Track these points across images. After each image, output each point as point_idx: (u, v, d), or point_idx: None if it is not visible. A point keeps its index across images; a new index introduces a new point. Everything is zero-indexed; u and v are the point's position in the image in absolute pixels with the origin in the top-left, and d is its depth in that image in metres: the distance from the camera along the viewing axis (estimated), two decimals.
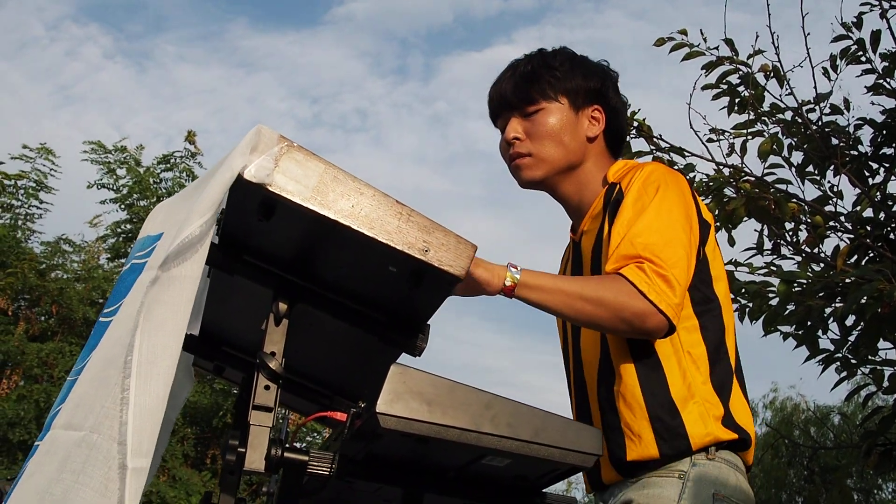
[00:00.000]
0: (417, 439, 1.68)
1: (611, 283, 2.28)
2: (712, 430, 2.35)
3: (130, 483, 1.56)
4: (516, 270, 2.30)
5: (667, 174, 2.52)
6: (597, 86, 2.70)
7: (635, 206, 2.43)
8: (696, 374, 2.40)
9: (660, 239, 2.33)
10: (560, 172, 2.67)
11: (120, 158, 23.25)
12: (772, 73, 5.98)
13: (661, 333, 2.30)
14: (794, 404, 27.90)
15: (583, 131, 2.67)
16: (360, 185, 1.74)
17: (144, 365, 1.61)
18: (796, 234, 5.91)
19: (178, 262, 1.65)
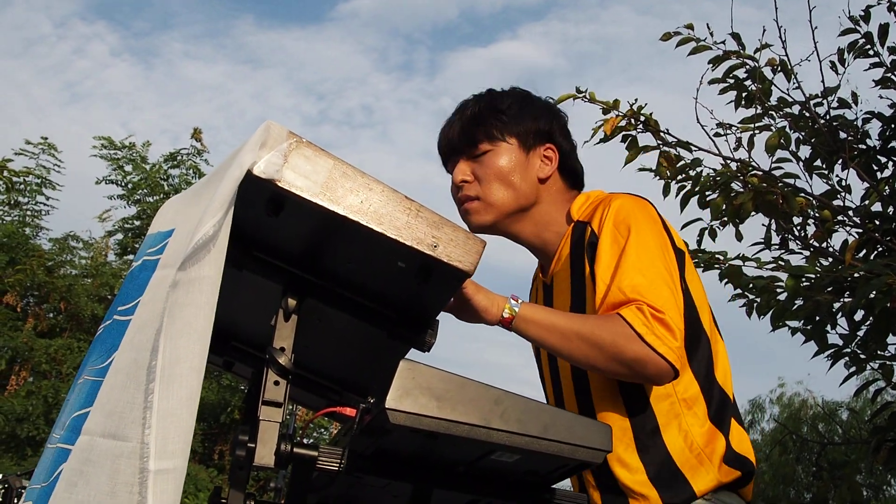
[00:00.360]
0: (427, 435, 1.68)
1: (609, 325, 2.24)
2: (715, 476, 2.34)
3: (154, 485, 1.56)
4: (516, 303, 2.29)
5: (636, 208, 2.46)
6: (546, 127, 2.64)
7: (612, 249, 2.38)
8: (695, 422, 2.37)
9: (644, 280, 2.29)
10: (510, 215, 2.61)
11: (127, 155, 23.27)
12: (779, 67, 5.98)
13: (666, 379, 2.26)
14: (801, 400, 27.90)
15: (534, 172, 2.61)
16: (370, 180, 1.74)
17: (167, 368, 1.61)
18: (804, 228, 5.91)
19: (195, 262, 1.65)
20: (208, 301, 1.65)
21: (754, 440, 28.78)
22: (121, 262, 23.98)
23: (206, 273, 1.65)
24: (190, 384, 1.61)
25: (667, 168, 5.85)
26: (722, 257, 5.73)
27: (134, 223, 23.91)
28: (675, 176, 5.89)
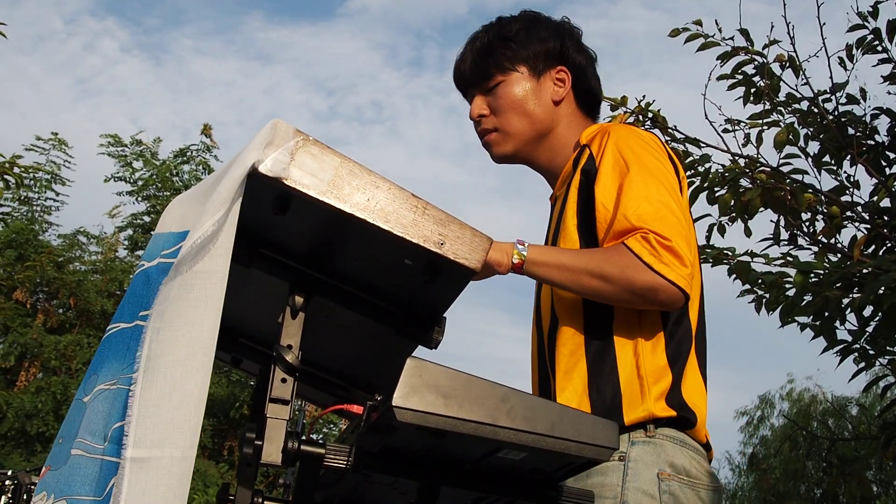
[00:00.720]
0: (433, 433, 1.69)
1: (616, 257, 2.26)
2: (648, 406, 2.31)
3: (130, 473, 1.57)
4: (523, 247, 2.31)
5: (640, 135, 2.50)
6: (556, 47, 2.66)
7: (614, 171, 2.39)
8: (649, 352, 2.37)
9: (650, 207, 2.30)
10: (530, 143, 2.66)
11: (136, 151, 23.31)
12: (787, 63, 5.98)
13: (677, 305, 2.28)
14: (811, 395, 27.86)
15: (548, 96, 2.64)
16: (376, 178, 1.75)
17: (152, 359, 1.62)
18: (813, 224, 5.91)
19: (192, 260, 1.66)
20: (203, 295, 1.65)
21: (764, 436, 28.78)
22: (131, 258, 24.04)
23: (199, 268, 1.66)
24: (174, 375, 1.61)
25: None
26: (731, 253, 5.73)
27: (143, 219, 23.97)
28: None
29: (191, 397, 1.62)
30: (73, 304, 22.58)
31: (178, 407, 1.61)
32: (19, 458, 19.94)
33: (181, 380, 1.61)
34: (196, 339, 1.64)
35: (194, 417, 1.61)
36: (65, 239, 23.93)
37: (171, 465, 1.58)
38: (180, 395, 1.61)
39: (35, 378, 21.57)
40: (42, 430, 20.34)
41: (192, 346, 1.63)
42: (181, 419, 1.61)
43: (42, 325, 21.90)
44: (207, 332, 1.65)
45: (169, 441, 1.59)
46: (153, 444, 1.58)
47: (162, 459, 1.58)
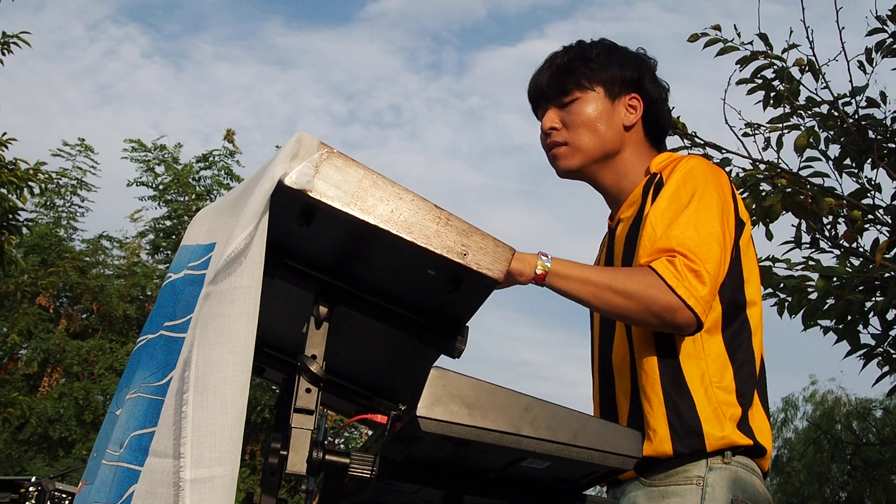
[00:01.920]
0: (457, 442, 1.70)
1: (641, 276, 2.28)
2: (728, 434, 2.34)
3: (192, 494, 1.58)
4: (547, 259, 2.31)
5: (708, 170, 2.51)
6: (634, 75, 2.70)
7: (672, 198, 2.42)
8: (717, 378, 2.39)
9: (696, 234, 2.33)
10: (596, 161, 2.68)
11: (158, 156, 23.41)
12: (807, 66, 5.96)
13: (690, 329, 2.30)
14: (835, 398, 27.68)
15: (619, 120, 2.67)
16: (399, 189, 1.76)
17: (201, 378, 1.62)
18: (834, 228, 5.89)
19: (227, 275, 1.67)
20: (244, 311, 1.67)
21: (788, 438, 28.64)
22: (153, 262, 24.12)
23: (237, 284, 1.67)
24: (224, 393, 1.62)
25: None
26: None
27: (165, 223, 24.05)
28: None
29: (241, 413, 1.63)
30: (96, 309, 22.67)
31: (232, 424, 1.62)
32: (42, 462, 20.03)
33: (232, 397, 1.63)
34: (241, 355, 1.65)
35: (241, 433, 1.64)
36: (88, 244, 24.05)
37: (230, 482, 1.60)
38: (233, 411, 1.62)
39: (58, 383, 21.67)
40: (64, 436, 20.43)
41: (239, 363, 1.64)
42: (237, 436, 1.63)
43: (65, 331, 21.99)
44: (249, 348, 1.67)
45: (227, 459, 1.61)
46: (212, 463, 1.60)
47: (222, 478, 1.60)
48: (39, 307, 21.78)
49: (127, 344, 21.94)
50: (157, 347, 1.88)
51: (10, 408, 13.88)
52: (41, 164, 10.96)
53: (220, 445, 1.61)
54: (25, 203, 11.04)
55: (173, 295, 1.90)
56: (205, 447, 1.60)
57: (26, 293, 17.53)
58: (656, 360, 2.41)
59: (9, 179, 10.33)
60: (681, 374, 2.39)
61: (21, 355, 21.79)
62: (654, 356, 2.42)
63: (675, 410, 2.35)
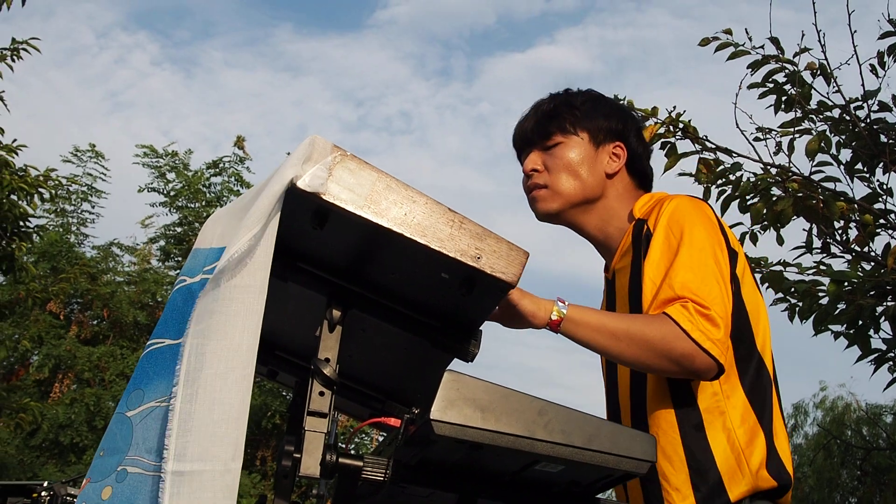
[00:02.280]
0: (471, 445, 1.69)
1: (657, 324, 2.27)
2: (751, 480, 2.33)
3: (171, 486, 1.58)
4: (563, 305, 2.30)
5: (691, 208, 2.49)
6: (618, 126, 2.72)
7: (664, 247, 2.42)
8: (738, 420, 2.38)
9: (694, 277, 2.32)
10: (576, 206, 2.68)
11: (170, 163, 23.49)
12: (818, 70, 5.95)
13: (710, 374, 2.28)
14: (845, 403, 27.64)
15: (602, 167, 2.68)
16: (413, 192, 1.76)
17: (192, 373, 1.63)
18: (846, 232, 5.87)
19: (229, 275, 1.67)
20: (242, 309, 1.67)
21: (798, 444, 28.61)
22: (163, 269, 24.17)
23: (237, 283, 1.67)
24: (214, 389, 1.62)
25: (706, 174, 5.84)
26: (763, 262, 5.71)
27: (175, 230, 24.10)
28: (715, 181, 5.87)
29: (231, 410, 1.63)
30: (107, 316, 22.72)
31: (219, 421, 1.62)
32: (54, 468, 20.08)
33: (221, 393, 1.63)
34: (235, 352, 1.65)
35: (235, 431, 1.62)
36: (99, 251, 24.11)
37: (213, 479, 1.59)
38: (221, 408, 1.62)
39: (69, 389, 21.72)
40: (76, 441, 20.47)
41: (232, 359, 1.64)
42: (222, 433, 1.62)
43: (76, 337, 22.05)
44: (247, 346, 1.66)
45: (210, 455, 1.60)
46: (194, 458, 1.60)
47: (204, 473, 1.60)
48: (50, 314, 21.84)
49: (137, 350, 21.97)
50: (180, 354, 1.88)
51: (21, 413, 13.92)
52: (51, 171, 10.99)
53: (203, 441, 1.60)
54: (36, 210, 11.06)
55: (191, 300, 1.90)
56: (189, 442, 1.59)
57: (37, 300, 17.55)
58: (674, 414, 2.40)
59: (19, 186, 10.35)
60: (704, 432, 2.37)
61: (32, 361, 21.84)
62: (671, 407, 2.41)
63: (697, 470, 2.34)
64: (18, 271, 11.33)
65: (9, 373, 21.03)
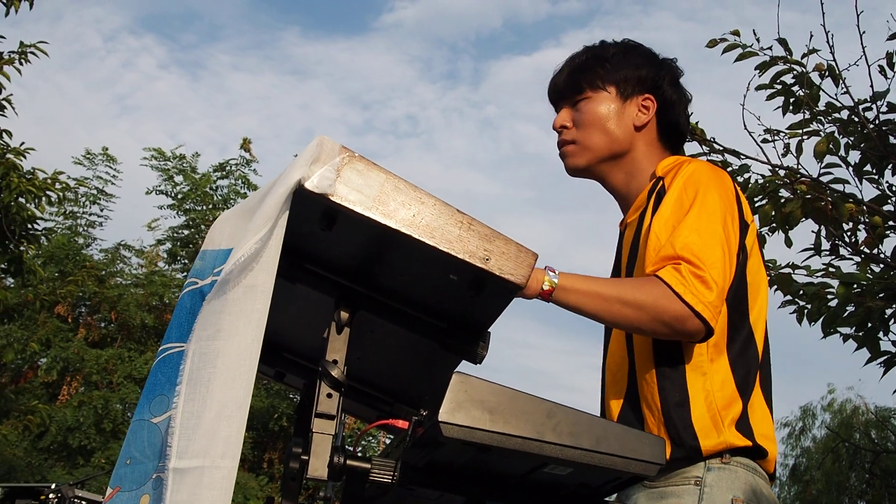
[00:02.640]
0: (479, 448, 1.69)
1: (649, 287, 2.27)
2: (726, 438, 2.33)
3: (172, 483, 1.58)
4: (554, 274, 2.30)
5: (710, 173, 2.50)
6: (649, 74, 2.71)
7: (675, 206, 2.42)
8: (718, 384, 2.38)
9: (698, 239, 2.32)
10: (604, 160, 2.69)
11: (177, 165, 23.53)
12: (827, 71, 5.93)
13: (699, 336, 2.29)
14: (853, 406, 27.57)
15: (630, 120, 2.67)
16: (421, 194, 1.75)
17: (194, 371, 1.63)
18: (855, 234, 5.86)
19: (235, 277, 1.67)
20: (245, 309, 1.67)
21: (806, 447, 28.54)
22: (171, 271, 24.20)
23: (244, 282, 1.67)
24: (214, 387, 1.63)
25: None
26: (772, 265, 5.70)
27: (183, 232, 24.13)
28: None
29: (230, 409, 1.63)
30: (114, 319, 22.75)
31: (218, 418, 1.62)
32: (62, 470, 20.09)
33: (221, 391, 1.63)
34: (236, 351, 1.65)
35: (235, 429, 1.63)
36: (106, 253, 24.15)
37: (212, 476, 1.60)
38: (220, 406, 1.62)
39: (77, 392, 21.74)
40: (84, 444, 20.48)
41: (232, 358, 1.65)
42: (222, 430, 1.62)
43: (83, 340, 22.07)
44: (248, 345, 1.66)
45: (210, 451, 1.61)
46: (195, 455, 1.60)
47: (203, 469, 1.60)
48: (58, 317, 21.87)
49: (145, 353, 22.02)
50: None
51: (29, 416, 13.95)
52: (59, 174, 11.01)
53: (203, 437, 1.61)
54: (43, 212, 11.09)
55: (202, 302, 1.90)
56: (189, 439, 1.60)
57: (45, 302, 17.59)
58: (656, 371, 2.40)
59: (27, 189, 10.37)
60: (681, 383, 2.37)
61: (41, 364, 21.87)
62: (653, 366, 2.41)
63: (672, 423, 2.35)
64: (26, 274, 11.35)
65: (17, 375, 21.05)
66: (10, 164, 10.29)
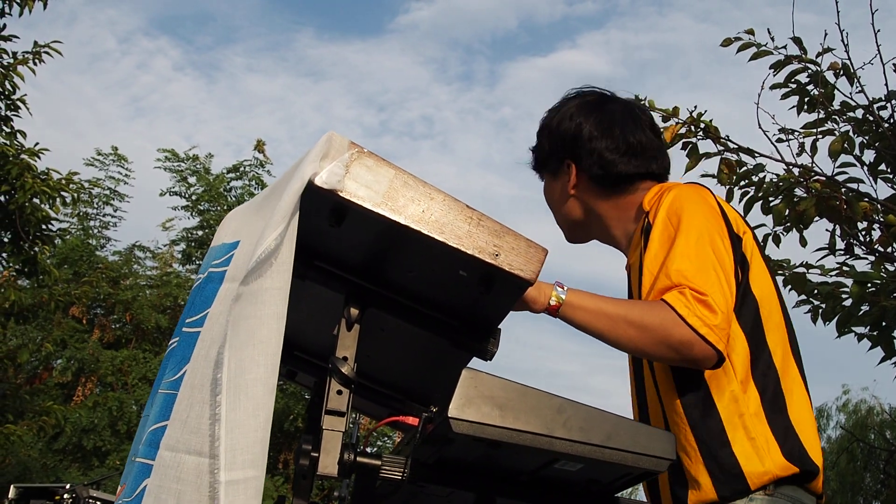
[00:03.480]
0: (489, 444, 1.69)
1: (656, 310, 2.24)
2: (770, 468, 2.30)
3: (226, 497, 1.58)
4: (562, 290, 2.30)
5: (690, 196, 2.46)
6: (558, 146, 2.73)
7: (661, 238, 2.40)
8: (751, 406, 2.35)
9: (690, 264, 2.29)
10: (576, 231, 2.79)
11: (191, 167, 23.57)
12: (841, 70, 5.91)
13: (710, 362, 2.25)
14: (868, 406, 27.47)
15: (567, 190, 2.72)
16: (431, 189, 1.75)
17: (233, 379, 1.62)
18: (869, 233, 5.83)
19: (257, 276, 1.67)
20: (274, 312, 1.66)
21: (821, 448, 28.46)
22: (185, 272, 24.26)
23: (268, 285, 1.67)
24: (256, 394, 1.62)
25: (728, 175, 5.81)
26: (786, 265, 5.68)
27: (197, 233, 24.18)
28: (737, 182, 5.84)
29: (270, 415, 1.64)
30: (129, 320, 22.81)
31: (263, 426, 1.62)
32: (77, 472, 20.14)
33: (263, 399, 1.63)
34: (271, 357, 1.65)
35: (269, 435, 1.64)
36: (120, 255, 24.21)
37: (256, 485, 1.61)
38: (265, 413, 1.63)
39: (92, 393, 21.79)
40: (98, 445, 20.54)
41: (269, 365, 1.65)
42: (266, 438, 1.63)
43: (98, 341, 22.13)
44: (278, 351, 1.67)
45: (259, 462, 1.61)
46: (245, 465, 1.60)
47: (254, 479, 1.60)
48: (73, 318, 21.92)
49: (160, 354, 22.05)
50: (180, 345, 1.89)
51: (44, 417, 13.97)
52: (73, 174, 11.04)
53: (251, 448, 1.61)
54: (58, 213, 11.12)
55: (197, 294, 1.91)
56: (238, 449, 1.60)
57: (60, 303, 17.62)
58: (681, 404, 2.37)
59: (41, 189, 10.40)
60: (711, 414, 2.35)
61: (55, 365, 21.94)
62: (677, 399, 2.38)
63: (713, 456, 2.32)
64: (41, 275, 11.38)
65: (32, 376, 21.11)
66: (24, 164, 10.32)
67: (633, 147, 2.66)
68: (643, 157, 2.67)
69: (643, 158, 2.66)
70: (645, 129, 2.69)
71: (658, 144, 2.71)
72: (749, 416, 2.33)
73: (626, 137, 2.67)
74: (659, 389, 2.44)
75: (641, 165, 2.66)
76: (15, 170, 10.20)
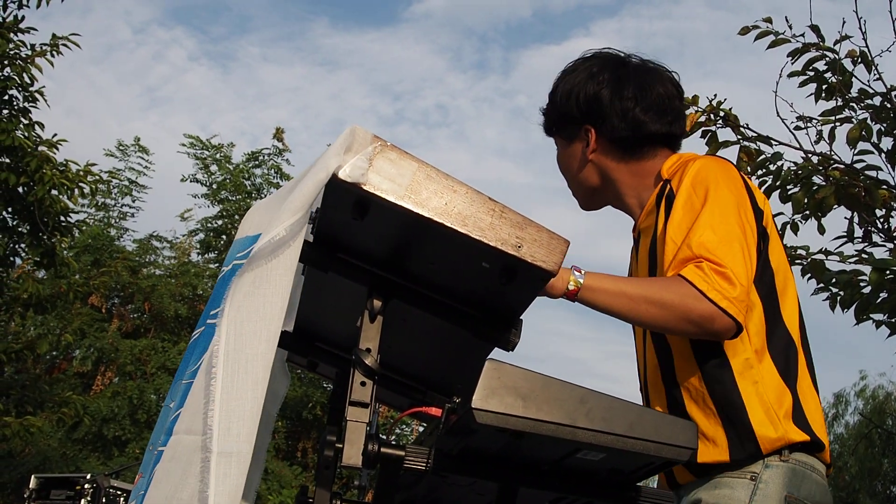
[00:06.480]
0: (512, 434, 1.70)
1: (675, 286, 2.25)
2: (783, 434, 2.32)
3: (217, 468, 1.60)
4: (580, 274, 2.29)
5: (716, 168, 2.46)
6: (576, 111, 2.65)
7: (686, 207, 2.39)
8: (766, 376, 2.37)
9: (714, 236, 2.29)
10: (591, 197, 2.73)
11: (213, 154, 23.58)
12: (859, 58, 5.88)
13: (730, 334, 2.26)
14: (886, 392, 27.43)
15: (583, 156, 2.66)
16: (453, 182, 1.76)
17: (231, 353, 1.65)
18: (888, 220, 5.82)
19: (266, 259, 1.69)
20: (279, 292, 1.69)
21: (839, 434, 28.41)
22: (203, 261, 24.28)
23: (277, 266, 1.69)
24: (254, 369, 1.65)
25: (747, 163, 5.80)
26: (805, 252, 5.67)
27: (216, 223, 24.19)
28: (756, 170, 5.83)
29: (265, 392, 1.66)
30: (148, 309, 22.85)
31: (259, 401, 1.65)
32: (96, 461, 20.20)
33: (262, 374, 1.65)
34: (272, 334, 1.68)
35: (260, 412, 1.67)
36: (139, 244, 24.26)
37: (246, 459, 1.63)
38: (262, 388, 1.65)
39: (111, 382, 21.85)
40: (118, 435, 20.59)
41: (270, 341, 1.67)
42: (259, 414, 1.65)
43: (117, 330, 22.17)
44: (278, 331, 1.69)
45: (251, 437, 1.64)
46: (240, 439, 1.62)
47: (245, 455, 1.63)
48: (92, 307, 21.97)
49: (179, 343, 22.09)
50: (203, 336, 1.91)
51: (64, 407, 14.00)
52: (91, 165, 11.06)
53: (247, 422, 1.63)
54: (76, 204, 11.15)
55: (221, 286, 1.93)
56: (233, 422, 1.62)
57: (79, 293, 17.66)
58: (700, 373, 2.39)
59: (60, 181, 10.43)
60: (731, 384, 2.36)
61: (75, 354, 21.99)
62: (696, 367, 2.39)
63: (730, 420, 2.33)
64: (60, 266, 11.43)
65: (51, 366, 21.18)
66: (43, 156, 10.36)
67: (662, 105, 2.65)
68: (672, 116, 2.66)
69: (672, 117, 2.67)
70: (668, 85, 2.69)
71: (682, 105, 2.71)
72: (763, 384, 2.35)
73: (655, 94, 2.65)
74: (672, 354, 2.45)
75: (670, 124, 2.66)
76: (35, 162, 10.24)
